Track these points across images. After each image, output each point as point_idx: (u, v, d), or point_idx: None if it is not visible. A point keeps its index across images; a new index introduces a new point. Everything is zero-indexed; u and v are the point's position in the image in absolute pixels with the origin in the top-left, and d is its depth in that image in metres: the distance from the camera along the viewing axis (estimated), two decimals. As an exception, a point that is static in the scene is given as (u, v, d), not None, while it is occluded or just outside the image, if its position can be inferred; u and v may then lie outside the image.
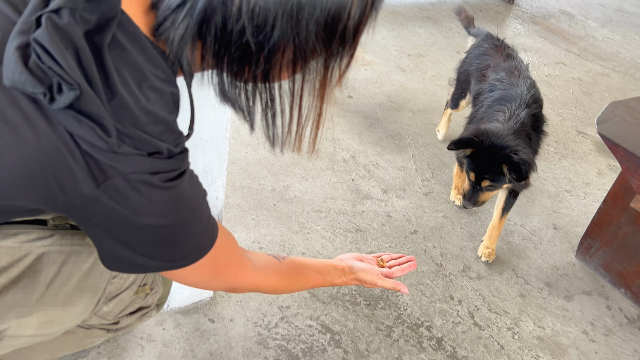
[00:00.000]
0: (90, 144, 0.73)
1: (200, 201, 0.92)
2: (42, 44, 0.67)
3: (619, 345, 1.92)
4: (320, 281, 1.36)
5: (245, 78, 0.80)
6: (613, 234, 2.12)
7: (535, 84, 2.27)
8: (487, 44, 2.50)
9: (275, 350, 1.63)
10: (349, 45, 0.80)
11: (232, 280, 1.11)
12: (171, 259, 0.92)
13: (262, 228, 2.09)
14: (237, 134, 2.60)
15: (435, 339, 1.79)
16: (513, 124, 2.02)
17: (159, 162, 0.79)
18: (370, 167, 2.58)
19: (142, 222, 0.82)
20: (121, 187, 0.77)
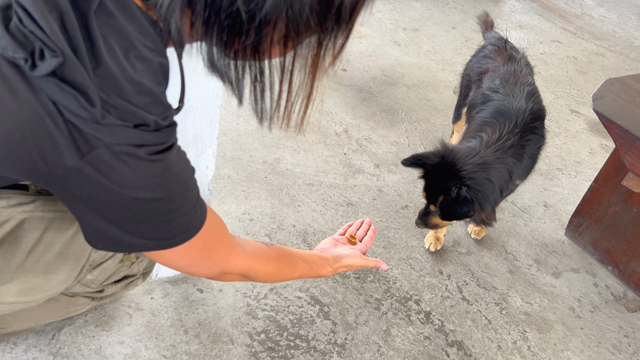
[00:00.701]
0: (74, 113, 0.70)
1: (188, 177, 0.89)
2: (24, 6, 0.64)
3: (605, 322, 1.94)
4: (307, 271, 1.34)
5: (235, 49, 0.76)
6: (603, 212, 2.13)
7: (535, 91, 1.99)
8: (491, 46, 2.27)
9: (264, 321, 1.63)
10: (344, 24, 0.77)
11: (223, 265, 1.08)
12: (159, 238, 0.89)
13: (253, 200, 2.07)
14: (229, 105, 2.56)
15: (424, 313, 1.80)
16: (493, 151, 1.72)
17: (146, 134, 0.76)
18: (363, 142, 2.56)
19: (128, 196, 0.79)
20: (106, 159, 0.74)
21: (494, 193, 1.65)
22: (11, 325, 1.23)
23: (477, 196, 1.61)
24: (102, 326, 1.50)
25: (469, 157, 1.65)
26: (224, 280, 1.16)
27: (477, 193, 1.61)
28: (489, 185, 1.63)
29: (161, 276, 1.66)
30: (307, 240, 1.95)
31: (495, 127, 1.79)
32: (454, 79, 3.28)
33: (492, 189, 1.64)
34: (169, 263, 1.00)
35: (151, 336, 1.51)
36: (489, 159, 1.67)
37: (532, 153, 1.85)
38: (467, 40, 3.84)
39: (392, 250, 2.00)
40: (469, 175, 1.62)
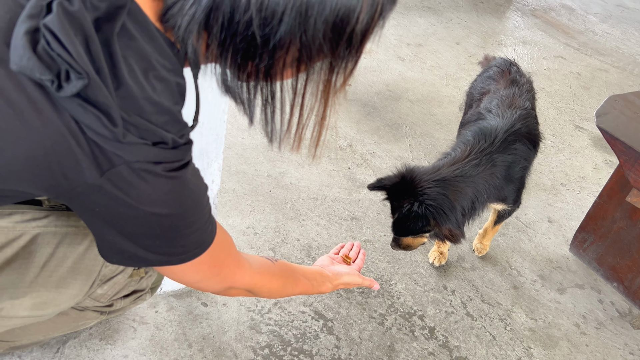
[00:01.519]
0: (96, 132, 0.72)
1: (202, 194, 0.91)
2: (52, 30, 0.66)
3: (610, 339, 1.93)
4: (308, 287, 1.37)
5: (248, 72, 0.79)
6: (607, 228, 2.13)
7: (529, 115, 1.93)
8: (496, 68, 2.24)
9: (268, 336, 1.63)
10: (354, 50, 0.80)
11: (230, 280, 1.10)
12: (172, 253, 0.91)
13: (257, 214, 2.08)
14: (234, 119, 2.58)
15: (428, 328, 1.79)
16: (454, 169, 1.67)
17: (164, 152, 0.79)
18: (367, 156, 2.57)
19: (145, 211, 0.81)
20: (125, 175, 0.77)
21: (452, 209, 1.63)
22: (20, 338, 1.24)
23: (430, 211, 1.60)
24: (107, 340, 1.50)
25: (427, 175, 1.65)
26: (229, 295, 1.17)
27: (429, 208, 1.60)
28: (444, 200, 1.62)
29: (166, 290, 1.67)
30: (311, 255, 1.96)
31: (468, 146, 1.77)
32: (458, 94, 3.30)
33: (448, 204, 1.62)
34: (180, 278, 1.01)
35: (155, 350, 1.51)
36: (449, 175, 1.65)
37: (511, 174, 1.80)
38: (470, 56, 3.86)
39: (397, 265, 2.00)
40: (423, 191, 1.62)
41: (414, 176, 1.65)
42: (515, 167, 1.82)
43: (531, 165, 1.95)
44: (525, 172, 1.90)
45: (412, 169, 1.68)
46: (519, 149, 1.82)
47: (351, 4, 0.74)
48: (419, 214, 1.60)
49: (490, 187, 1.73)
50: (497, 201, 1.87)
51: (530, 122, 1.91)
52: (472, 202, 1.69)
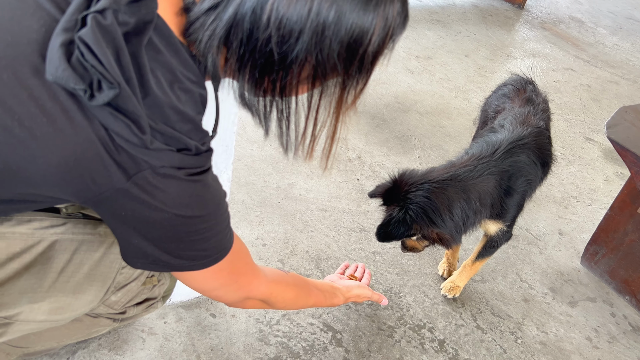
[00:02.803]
0: (125, 139, 0.76)
1: (222, 198, 0.95)
2: (86, 42, 0.71)
3: (623, 353, 1.90)
4: (320, 298, 1.41)
5: (264, 86, 0.84)
6: (619, 241, 2.11)
7: (541, 134, 1.86)
8: (511, 85, 2.19)
9: (277, 347, 1.62)
10: (365, 70, 0.85)
11: (247, 288, 1.13)
12: (194, 258, 0.94)
13: (266, 225, 2.08)
14: (244, 131, 2.59)
15: (438, 341, 1.78)
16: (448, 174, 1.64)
17: (187, 158, 0.83)
18: (376, 168, 2.57)
19: (169, 213, 0.84)
20: (151, 180, 0.80)
21: (437, 212, 1.58)
22: (34, 345, 1.25)
23: (411, 215, 1.57)
24: (116, 350, 1.50)
25: (415, 178, 1.62)
26: (245, 307, 1.20)
27: (409, 212, 1.57)
28: (428, 204, 1.57)
29: (175, 301, 1.67)
30: (320, 266, 1.95)
31: (469, 155, 1.74)
32: (467, 107, 3.30)
33: (432, 208, 1.58)
34: (200, 285, 1.04)
35: (163, 361, 1.51)
36: (437, 179, 1.61)
37: (511, 186, 1.74)
38: (479, 68, 3.87)
39: (406, 277, 1.99)
40: (407, 195, 1.59)
41: (403, 180, 1.64)
42: (516, 180, 1.75)
43: (536, 183, 1.85)
44: (528, 187, 1.81)
45: (403, 173, 1.66)
46: (522, 161, 1.75)
47: (365, 26, 0.79)
48: (399, 220, 1.59)
49: (484, 195, 1.67)
50: (493, 217, 1.77)
51: (541, 140, 1.85)
52: (461, 209, 1.63)
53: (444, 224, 1.60)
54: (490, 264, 2.14)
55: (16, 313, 0.98)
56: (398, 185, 1.65)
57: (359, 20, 0.78)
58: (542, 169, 1.85)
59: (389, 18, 0.81)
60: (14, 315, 0.98)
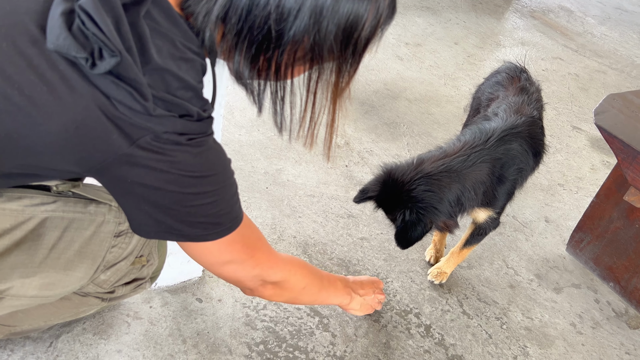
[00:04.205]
0: (127, 106, 0.77)
1: (227, 162, 0.96)
2: (87, 10, 0.71)
3: (606, 339, 1.93)
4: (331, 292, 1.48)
5: (259, 64, 0.85)
6: (604, 228, 2.12)
7: (535, 123, 1.86)
8: (505, 73, 2.16)
9: (263, 332, 1.62)
10: (357, 55, 0.89)
11: (265, 265, 1.13)
12: (207, 226, 0.94)
13: (254, 210, 2.07)
14: (231, 116, 2.57)
15: (424, 326, 1.79)
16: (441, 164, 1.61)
17: (189, 123, 0.83)
18: (365, 154, 2.56)
19: (175, 175, 0.85)
20: (154, 144, 0.81)
21: (440, 201, 1.58)
22: (22, 323, 1.24)
23: (423, 214, 1.56)
24: (100, 334, 1.49)
25: (409, 173, 1.59)
26: (262, 295, 1.20)
27: (421, 211, 1.56)
28: (431, 196, 1.57)
29: (160, 285, 1.66)
30: (308, 252, 1.95)
31: (461, 142, 1.71)
32: (456, 94, 3.29)
33: (436, 198, 1.57)
34: (215, 258, 1.04)
35: (149, 345, 1.50)
36: (433, 171, 1.59)
37: (504, 174, 1.73)
38: (469, 56, 3.86)
39: (393, 263, 1.99)
40: (410, 194, 1.57)
41: (396, 179, 1.59)
42: (509, 168, 1.74)
43: (528, 172, 1.86)
44: (519, 176, 1.81)
45: (391, 171, 1.62)
46: (514, 150, 1.75)
47: (359, 12, 0.83)
48: (414, 221, 1.56)
49: (478, 184, 1.66)
50: (484, 205, 1.77)
51: (534, 129, 1.84)
52: (457, 197, 1.62)
53: (447, 211, 1.60)
54: (477, 251, 2.16)
55: (7, 288, 0.97)
56: (392, 186, 1.60)
57: (354, 6, 0.82)
58: (534, 158, 1.85)
59: (380, 8, 0.86)
60: (5, 290, 0.98)
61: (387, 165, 1.66)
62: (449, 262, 1.95)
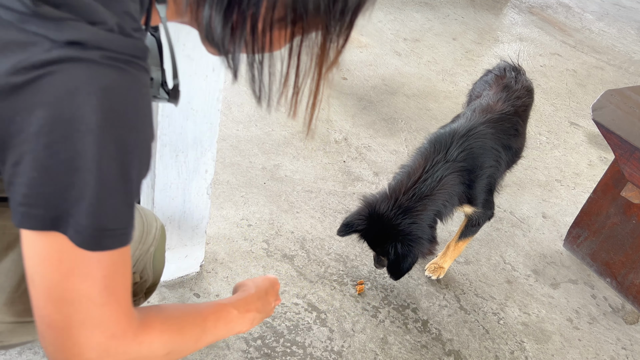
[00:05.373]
0: (6, 7, 0.58)
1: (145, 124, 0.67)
2: None
3: (602, 334, 1.93)
4: (214, 329, 0.93)
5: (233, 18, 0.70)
6: (601, 224, 2.13)
7: (504, 119, 1.83)
8: (496, 72, 2.15)
9: (260, 327, 1.62)
10: (346, 23, 0.75)
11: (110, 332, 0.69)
12: (90, 217, 0.62)
13: (251, 206, 2.07)
14: (229, 111, 2.56)
15: (421, 321, 1.79)
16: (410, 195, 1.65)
17: (104, 34, 0.60)
18: (362, 150, 2.56)
19: (69, 116, 0.59)
20: (45, 58, 0.58)
21: (425, 230, 1.67)
22: (9, 339, 1.17)
23: (412, 245, 1.64)
24: (98, 329, 1.49)
25: (391, 209, 1.65)
26: None
27: (410, 243, 1.64)
28: (416, 228, 1.65)
29: (158, 280, 1.66)
30: (305, 247, 1.95)
31: (422, 158, 1.73)
32: (454, 90, 3.29)
33: (420, 229, 1.66)
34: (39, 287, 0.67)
35: (147, 340, 1.50)
36: (409, 204, 1.65)
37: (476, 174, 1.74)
38: (467, 52, 3.86)
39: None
40: (397, 228, 1.64)
41: (381, 214, 1.66)
42: (477, 171, 1.75)
43: (502, 166, 1.85)
44: (493, 173, 1.81)
45: (374, 205, 1.68)
46: (477, 153, 1.74)
47: None
48: (406, 253, 1.64)
49: (452, 197, 1.71)
50: (465, 203, 1.80)
51: (502, 125, 1.82)
52: (434, 217, 1.70)
53: (428, 237, 1.69)
54: (474, 246, 2.16)
55: None
56: (377, 220, 1.66)
57: None
58: (507, 151, 1.85)
59: None
60: None
61: (366, 198, 1.73)
62: (446, 256, 1.95)
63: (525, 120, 2.02)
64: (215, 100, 1.37)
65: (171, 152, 1.39)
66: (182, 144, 1.39)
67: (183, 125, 1.36)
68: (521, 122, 1.95)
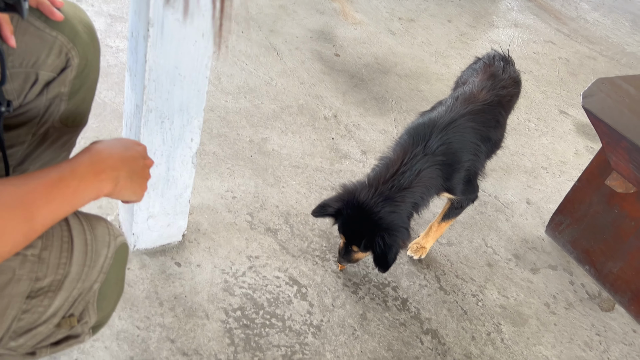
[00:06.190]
0: None
1: None
2: None
3: (578, 320, 1.96)
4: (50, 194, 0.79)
5: None
6: (584, 212, 2.15)
7: (485, 110, 1.82)
8: (485, 60, 2.11)
9: (241, 298, 1.62)
10: None
11: None
12: None
13: (237, 178, 2.05)
14: (218, 81, 2.53)
15: (401, 300, 1.80)
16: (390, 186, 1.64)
17: None
18: (352, 128, 2.55)
19: None
20: None
21: (404, 220, 1.67)
22: None
23: (397, 235, 1.63)
24: (76, 294, 1.48)
25: (372, 198, 1.63)
26: None
27: (394, 233, 1.63)
28: (396, 216, 1.64)
29: (139, 248, 1.64)
30: (289, 222, 1.94)
31: (401, 150, 1.72)
32: (447, 72, 3.28)
33: (400, 219, 1.65)
34: None
35: (125, 307, 1.49)
36: (390, 194, 1.64)
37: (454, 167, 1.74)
38: (461, 35, 3.83)
39: (374, 237, 2.00)
40: (379, 217, 1.62)
41: (361, 203, 1.63)
42: (455, 165, 1.74)
43: (482, 157, 1.85)
44: (472, 163, 1.80)
45: (353, 192, 1.66)
46: (455, 147, 1.73)
47: None
48: (392, 244, 1.62)
49: (430, 189, 1.71)
50: (444, 192, 1.81)
51: (483, 117, 1.80)
52: (413, 206, 1.69)
53: (406, 228, 1.68)
54: (457, 228, 2.17)
55: None
56: (357, 208, 1.63)
57: None
58: (487, 143, 1.84)
59: None
60: None
61: (345, 186, 1.70)
62: (428, 236, 1.96)
63: (509, 112, 2.01)
64: (204, 66, 1.34)
65: (156, 117, 1.37)
66: (168, 110, 1.37)
67: (170, 90, 1.33)
68: (503, 113, 1.93)
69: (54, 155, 1.05)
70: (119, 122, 2.08)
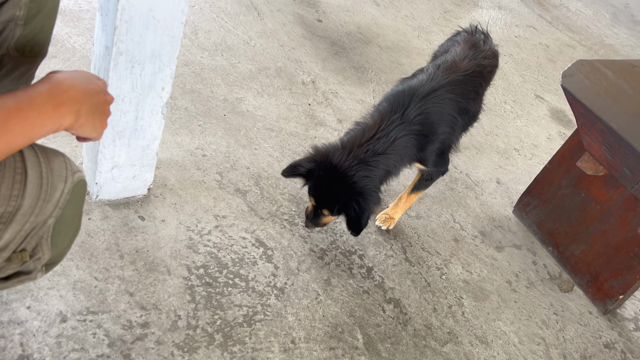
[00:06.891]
0: None
1: None
2: None
3: (537, 298, 2.00)
4: None
5: None
6: (552, 194, 2.17)
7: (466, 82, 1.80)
8: (465, 33, 2.07)
9: (205, 256, 1.59)
10: None
11: None
12: None
13: (208, 136, 2.00)
14: (195, 36, 2.45)
15: (366, 268, 1.80)
16: (365, 149, 1.61)
17: None
18: (329, 95, 2.51)
19: None
20: None
21: (377, 186, 1.66)
22: None
23: (369, 199, 1.61)
24: (33, 240, 1.42)
25: (345, 161, 1.60)
26: None
27: (368, 197, 1.61)
28: (369, 181, 1.62)
29: (102, 198, 1.59)
30: (260, 184, 1.91)
31: (379, 116, 1.69)
32: (427, 47, 3.25)
33: (373, 184, 1.63)
34: None
35: (84, 257, 1.45)
36: (364, 157, 1.61)
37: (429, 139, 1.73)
38: (445, 12, 3.80)
39: (344, 205, 1.98)
40: (353, 180, 1.59)
41: (335, 164, 1.59)
42: (430, 137, 1.73)
43: (457, 131, 1.85)
44: (447, 136, 1.80)
45: (326, 154, 1.62)
46: (433, 119, 1.72)
47: None
48: (365, 208, 1.60)
49: (403, 158, 1.69)
50: (416, 162, 1.80)
51: (463, 88, 1.79)
52: (385, 173, 1.67)
53: (378, 194, 1.66)
54: (427, 202, 2.17)
55: None
56: (329, 169, 1.60)
57: None
58: (464, 116, 1.83)
59: None
60: None
61: (317, 148, 1.65)
62: (397, 207, 1.96)
63: (488, 83, 1.99)
64: (180, 12, 1.28)
65: (127, 62, 1.30)
66: (140, 55, 1.31)
67: (142, 34, 1.27)
68: (483, 84, 1.92)
69: (12, 87, 0.99)
70: (88, 70, 2.00)
